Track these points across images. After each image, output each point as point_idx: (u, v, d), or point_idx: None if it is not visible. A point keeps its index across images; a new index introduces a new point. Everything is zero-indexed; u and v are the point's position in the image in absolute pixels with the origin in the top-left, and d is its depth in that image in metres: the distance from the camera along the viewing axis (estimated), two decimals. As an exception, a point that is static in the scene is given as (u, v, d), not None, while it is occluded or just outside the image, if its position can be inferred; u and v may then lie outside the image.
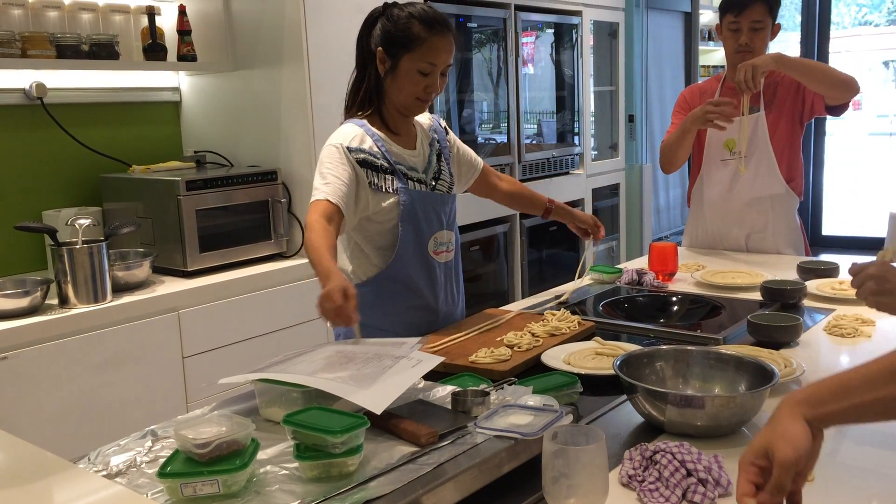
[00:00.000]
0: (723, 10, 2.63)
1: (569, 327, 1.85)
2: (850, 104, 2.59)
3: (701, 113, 2.47)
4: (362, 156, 1.82)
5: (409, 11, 1.82)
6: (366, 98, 1.90)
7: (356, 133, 1.84)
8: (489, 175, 2.18)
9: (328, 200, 1.74)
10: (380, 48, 1.84)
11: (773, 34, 2.64)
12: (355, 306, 1.52)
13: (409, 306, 1.92)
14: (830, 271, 2.33)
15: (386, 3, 1.89)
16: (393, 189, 1.84)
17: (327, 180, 1.78)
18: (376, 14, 1.87)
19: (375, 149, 1.84)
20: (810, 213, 6.87)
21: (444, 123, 2.08)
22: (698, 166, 2.80)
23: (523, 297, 2.42)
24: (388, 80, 1.85)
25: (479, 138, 3.93)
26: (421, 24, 1.80)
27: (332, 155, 1.81)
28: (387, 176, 1.84)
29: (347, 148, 1.81)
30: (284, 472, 1.09)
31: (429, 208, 1.90)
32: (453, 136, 2.10)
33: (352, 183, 1.80)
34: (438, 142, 2.01)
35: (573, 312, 1.98)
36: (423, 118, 2.03)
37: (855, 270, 1.56)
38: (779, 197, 2.68)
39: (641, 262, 2.62)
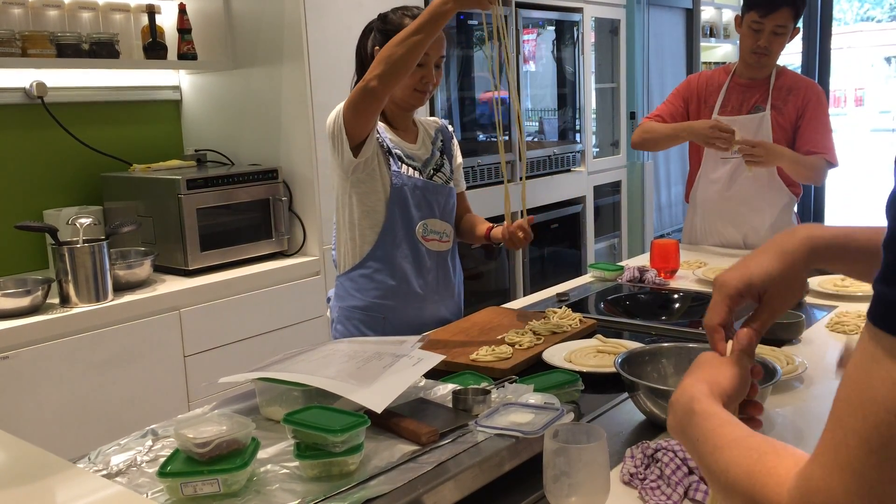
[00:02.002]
0: (747, 6, 2.57)
1: (570, 325, 1.85)
2: (854, 99, 2.60)
3: (703, 131, 2.49)
4: None
5: (402, 13, 1.93)
6: None
7: None
8: (462, 200, 2.17)
9: None
10: (377, 48, 1.90)
11: (792, 37, 2.61)
12: None
13: (394, 291, 1.95)
14: (832, 268, 2.32)
15: (381, 14, 1.97)
16: (387, 170, 1.90)
17: None
18: (372, 23, 1.98)
19: (375, 133, 1.89)
20: (812, 209, 6.85)
21: (451, 129, 2.15)
22: (697, 164, 2.79)
23: (525, 295, 2.41)
24: None
25: (480, 136, 3.92)
26: (411, 21, 1.88)
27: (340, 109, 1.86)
28: (382, 156, 1.90)
29: None
30: (285, 471, 1.09)
31: (419, 194, 1.95)
32: (457, 149, 2.15)
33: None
34: (443, 142, 2.07)
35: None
36: (432, 120, 2.11)
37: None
38: (777, 197, 2.68)
39: (643, 260, 2.61)
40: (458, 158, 2.14)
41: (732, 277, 0.88)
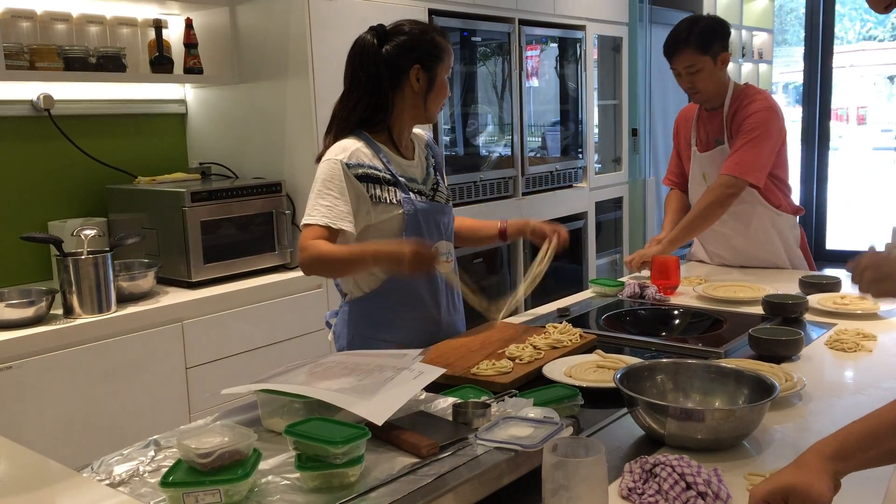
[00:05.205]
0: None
1: (570, 340, 1.85)
2: (856, 117, 2.58)
3: None
4: (362, 171, 1.83)
5: (424, 27, 1.92)
6: (379, 115, 1.91)
7: (356, 147, 1.85)
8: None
9: (328, 227, 1.78)
10: (417, 65, 1.87)
11: (723, 63, 2.51)
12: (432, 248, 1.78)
13: (412, 317, 1.92)
14: (832, 286, 2.33)
15: (374, 28, 1.89)
16: (396, 200, 1.86)
17: (326, 201, 1.80)
18: (369, 39, 1.87)
19: (378, 162, 1.86)
20: (814, 227, 6.86)
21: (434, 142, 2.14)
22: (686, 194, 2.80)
23: (526, 310, 2.42)
24: (429, 93, 1.90)
25: (483, 151, 3.95)
26: (439, 35, 1.92)
27: (329, 171, 1.83)
28: (390, 188, 1.86)
29: (346, 164, 1.82)
30: (286, 482, 1.10)
31: (430, 219, 1.92)
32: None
33: (352, 199, 1.82)
34: (434, 156, 2.05)
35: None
36: (420, 131, 2.06)
37: (851, 266, 1.59)
38: (774, 220, 2.63)
39: (643, 276, 2.62)
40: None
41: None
